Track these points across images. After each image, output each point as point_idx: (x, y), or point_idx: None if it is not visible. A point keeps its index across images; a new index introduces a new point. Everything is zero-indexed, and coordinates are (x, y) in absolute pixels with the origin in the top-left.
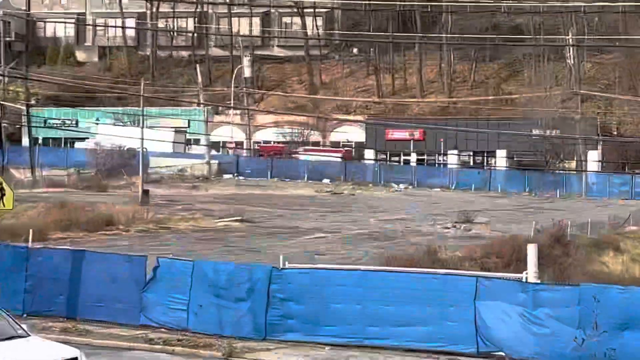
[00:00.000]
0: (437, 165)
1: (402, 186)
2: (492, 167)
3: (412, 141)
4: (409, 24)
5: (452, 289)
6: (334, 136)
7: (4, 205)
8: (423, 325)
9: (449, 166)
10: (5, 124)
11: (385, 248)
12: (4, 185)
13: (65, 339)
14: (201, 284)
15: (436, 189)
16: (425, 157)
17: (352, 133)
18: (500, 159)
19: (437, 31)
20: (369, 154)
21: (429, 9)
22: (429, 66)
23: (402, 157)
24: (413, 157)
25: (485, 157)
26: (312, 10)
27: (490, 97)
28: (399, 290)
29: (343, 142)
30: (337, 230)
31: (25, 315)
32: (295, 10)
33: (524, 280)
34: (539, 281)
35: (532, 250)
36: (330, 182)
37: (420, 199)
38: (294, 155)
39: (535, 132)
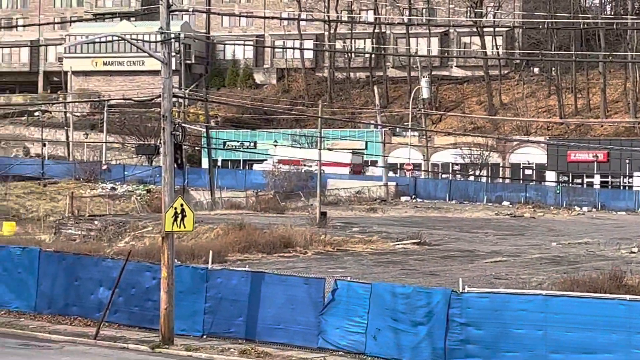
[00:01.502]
0: (621, 187)
1: (585, 209)
2: None
3: (595, 163)
4: (592, 42)
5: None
6: (513, 157)
7: (184, 227)
8: (607, 352)
9: (634, 188)
10: (185, 146)
11: (567, 273)
12: (185, 206)
13: None
14: (379, 307)
15: (621, 212)
16: (609, 179)
17: (533, 154)
18: None
19: (622, 49)
20: (551, 175)
21: (614, 26)
22: (612, 85)
23: (585, 179)
24: (596, 179)
25: None
26: (491, 29)
27: None
28: (583, 316)
29: (523, 163)
30: (517, 254)
31: (204, 336)
32: (475, 29)
33: None
34: None
35: None
36: (510, 204)
37: (604, 222)
38: (305, 169)
39: None
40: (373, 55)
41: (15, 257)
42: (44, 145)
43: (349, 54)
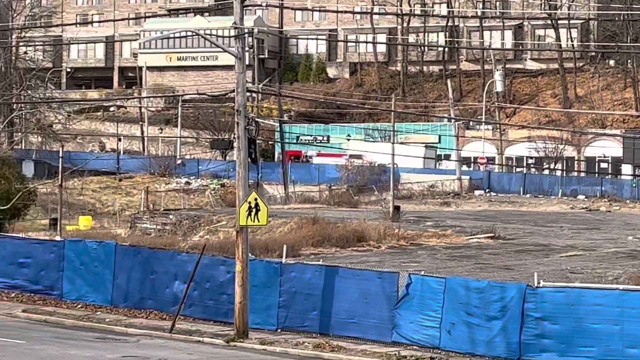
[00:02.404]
0: None
1: None
2: None
3: None
4: None
5: None
6: (589, 151)
7: (258, 221)
8: None
9: None
10: (259, 141)
11: None
12: (259, 201)
13: (318, 355)
14: (453, 302)
15: None
16: None
17: (609, 148)
18: None
19: None
20: (627, 169)
21: None
22: None
23: None
24: None
25: None
26: (566, 21)
27: None
28: None
29: (598, 156)
30: (593, 248)
31: (278, 330)
32: (549, 22)
33: None
34: None
35: None
36: (585, 198)
37: None
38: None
39: None
40: (446, 49)
41: (92, 251)
42: (120, 140)
43: (422, 48)
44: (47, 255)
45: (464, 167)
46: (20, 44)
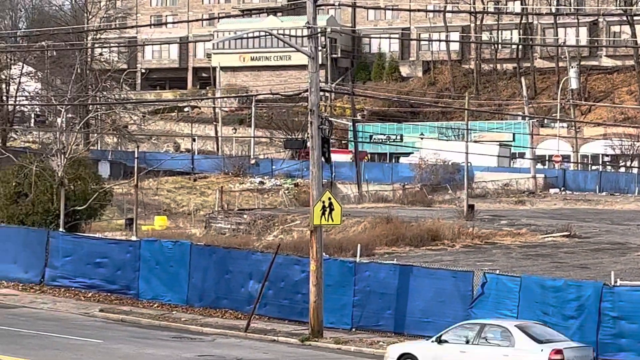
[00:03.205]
0: None
1: None
2: None
3: None
4: None
5: None
6: None
7: (332, 220)
8: None
9: None
10: (332, 140)
11: None
12: (332, 200)
13: None
14: (528, 301)
15: None
16: None
17: None
18: None
19: None
20: None
21: None
22: None
23: None
24: None
25: None
26: None
27: None
28: None
29: None
30: None
31: (353, 329)
32: (625, 18)
33: None
34: None
35: None
36: None
37: None
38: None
39: None
40: (520, 46)
41: (167, 251)
42: (194, 140)
43: (496, 45)
44: (123, 255)
45: (539, 165)
46: (96, 45)
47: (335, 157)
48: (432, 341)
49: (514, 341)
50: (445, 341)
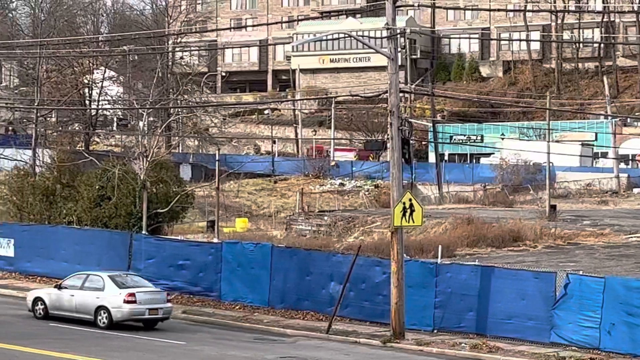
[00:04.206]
0: None
1: None
2: None
3: None
4: None
5: None
6: None
7: (413, 221)
8: None
9: None
10: (412, 141)
11: None
12: (413, 201)
13: (475, 356)
14: (612, 302)
15: None
16: None
17: None
18: None
19: None
20: None
21: None
22: None
23: None
24: None
25: None
26: None
27: None
28: None
29: None
30: None
31: (434, 330)
32: None
33: None
34: None
35: None
36: None
37: None
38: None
39: None
40: (602, 45)
41: (249, 253)
42: (274, 142)
43: (577, 44)
44: (205, 257)
45: (622, 165)
46: (177, 49)
47: (339, 156)
48: (55, 287)
49: (104, 286)
50: (64, 287)
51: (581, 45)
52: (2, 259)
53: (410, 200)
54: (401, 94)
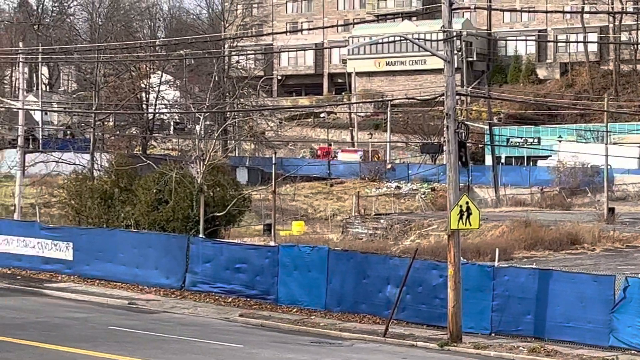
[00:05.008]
0: None
1: None
2: None
3: None
4: None
5: None
6: None
7: (469, 224)
8: None
9: None
10: (469, 144)
11: None
12: (470, 204)
13: (534, 359)
14: None
15: None
16: None
17: None
18: None
19: None
20: None
21: None
22: None
23: None
24: None
25: None
26: None
27: None
28: None
29: None
30: None
31: (492, 334)
32: None
33: None
34: None
35: None
36: None
37: None
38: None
39: None
40: None
41: (305, 256)
42: (330, 145)
43: (635, 46)
44: (262, 260)
45: None
46: (233, 53)
47: (344, 157)
48: None
49: None
50: None
51: (639, 46)
52: (60, 263)
53: (467, 203)
54: (457, 97)
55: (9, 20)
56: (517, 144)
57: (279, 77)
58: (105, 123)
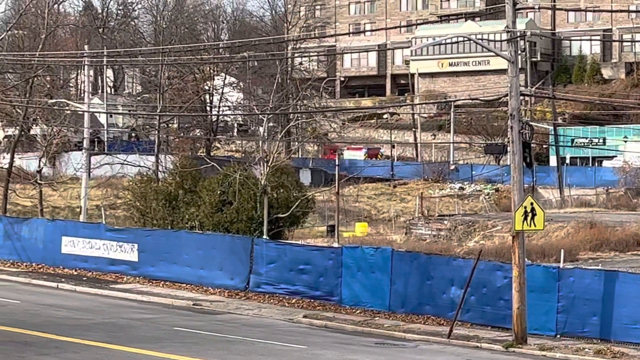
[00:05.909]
0: None
1: None
2: None
3: None
4: None
5: None
6: None
7: (534, 226)
8: None
9: None
10: (533, 144)
11: None
12: (535, 205)
13: None
14: None
15: None
16: None
17: None
18: None
19: None
20: None
21: None
22: None
23: None
24: None
25: None
26: None
27: None
28: None
29: None
30: None
31: (557, 335)
32: None
33: None
34: None
35: None
36: None
37: None
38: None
39: None
40: None
41: (369, 257)
42: (393, 147)
43: None
44: (325, 261)
45: None
46: (296, 55)
47: (348, 155)
48: None
49: None
50: None
51: None
52: (126, 264)
53: (531, 204)
54: (521, 97)
55: (74, 24)
56: (582, 144)
57: (342, 79)
58: (170, 125)
